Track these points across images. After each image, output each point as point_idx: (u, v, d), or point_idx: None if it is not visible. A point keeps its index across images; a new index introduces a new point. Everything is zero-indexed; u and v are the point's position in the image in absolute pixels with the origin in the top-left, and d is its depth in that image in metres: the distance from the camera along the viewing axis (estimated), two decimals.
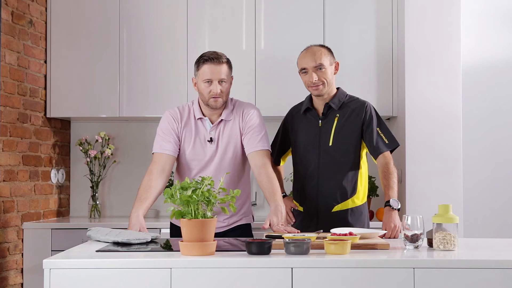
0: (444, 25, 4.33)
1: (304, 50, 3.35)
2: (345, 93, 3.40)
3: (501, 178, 4.87)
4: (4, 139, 3.99)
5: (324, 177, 3.30)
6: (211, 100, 3.22)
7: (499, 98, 4.88)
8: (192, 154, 3.29)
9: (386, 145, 3.29)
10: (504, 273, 2.38)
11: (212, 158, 3.28)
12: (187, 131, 3.30)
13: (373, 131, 3.29)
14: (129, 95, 4.51)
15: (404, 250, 2.67)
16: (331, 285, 2.38)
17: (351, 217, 3.29)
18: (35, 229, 4.20)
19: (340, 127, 3.31)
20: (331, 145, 3.30)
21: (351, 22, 4.52)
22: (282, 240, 2.74)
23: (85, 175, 4.77)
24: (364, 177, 3.37)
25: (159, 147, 3.29)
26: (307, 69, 3.27)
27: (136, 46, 4.53)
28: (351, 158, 3.31)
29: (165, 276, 2.38)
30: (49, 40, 4.52)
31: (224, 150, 3.28)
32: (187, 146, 3.30)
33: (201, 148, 3.28)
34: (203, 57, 3.24)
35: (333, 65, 3.31)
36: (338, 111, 3.33)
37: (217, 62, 3.21)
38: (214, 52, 3.28)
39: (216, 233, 3.13)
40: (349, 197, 3.30)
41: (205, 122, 3.30)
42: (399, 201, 3.18)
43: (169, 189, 2.51)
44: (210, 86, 3.21)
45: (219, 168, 3.27)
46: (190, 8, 4.53)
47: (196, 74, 3.27)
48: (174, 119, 3.31)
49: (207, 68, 3.21)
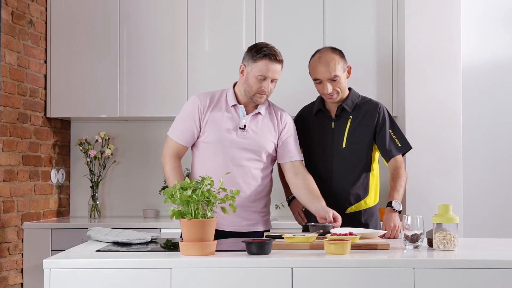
0: (444, 25, 4.33)
1: (317, 56, 3.26)
2: (358, 94, 3.36)
3: (501, 178, 4.87)
4: (4, 139, 3.99)
5: (337, 179, 3.27)
6: (257, 95, 3.13)
7: (499, 98, 4.88)
8: (216, 138, 3.16)
9: (398, 149, 3.27)
10: (504, 273, 2.38)
11: (240, 146, 3.16)
12: (215, 116, 3.17)
13: (386, 134, 3.27)
14: (129, 95, 4.51)
15: (404, 250, 2.67)
16: (331, 285, 2.38)
17: (364, 219, 3.28)
18: (35, 229, 4.20)
19: (353, 129, 3.28)
20: (344, 147, 3.27)
21: (351, 22, 4.52)
22: (283, 240, 2.74)
23: (85, 175, 4.77)
24: (376, 178, 3.34)
25: (176, 135, 3.20)
26: (321, 80, 3.21)
27: (136, 46, 4.53)
28: (363, 160, 3.28)
29: (165, 276, 2.38)
30: (49, 40, 4.52)
31: (255, 141, 3.17)
32: (213, 131, 3.16)
33: (230, 135, 3.15)
34: (262, 50, 3.11)
35: (346, 70, 3.26)
36: (351, 113, 3.29)
37: (275, 60, 3.11)
38: (272, 47, 3.15)
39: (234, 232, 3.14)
40: (361, 198, 3.28)
41: (240, 110, 3.19)
42: (401, 204, 3.17)
43: (169, 189, 2.51)
44: (262, 82, 3.11)
45: (245, 158, 3.16)
46: (190, 8, 4.53)
47: (249, 64, 3.14)
48: (200, 104, 3.17)
49: (265, 64, 3.09)
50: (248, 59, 3.14)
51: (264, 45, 3.15)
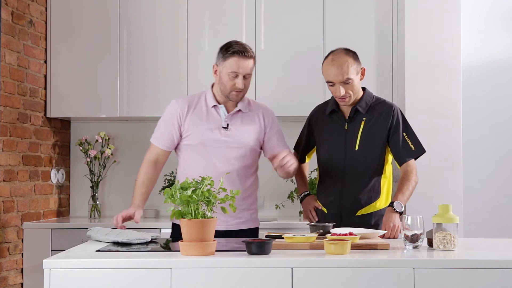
0: (444, 25, 4.33)
1: (330, 57, 3.22)
2: (372, 95, 3.33)
3: (501, 178, 4.86)
4: (4, 139, 3.99)
5: (349, 181, 3.25)
6: (233, 93, 3.16)
7: (499, 98, 4.88)
8: (200, 140, 3.19)
9: (411, 153, 3.24)
10: (504, 273, 2.38)
11: (225, 144, 3.19)
12: (196, 119, 3.21)
13: (399, 137, 3.24)
14: (129, 95, 4.51)
15: (404, 250, 2.67)
16: (331, 285, 2.38)
17: (374, 221, 3.25)
18: (35, 229, 4.20)
19: (367, 131, 3.25)
20: (357, 149, 3.24)
21: (351, 22, 4.52)
22: (283, 240, 2.74)
23: (85, 175, 4.77)
24: (389, 181, 3.31)
25: (156, 140, 3.28)
26: (334, 82, 3.18)
27: (136, 46, 4.53)
28: (376, 162, 3.26)
29: (165, 276, 2.38)
30: (49, 40, 4.52)
31: (239, 139, 3.21)
32: (195, 134, 3.20)
33: (213, 135, 3.19)
34: (231, 47, 3.14)
35: (359, 72, 3.23)
36: (364, 114, 3.26)
37: (245, 56, 3.13)
38: (241, 44, 3.18)
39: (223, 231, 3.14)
40: (373, 201, 3.25)
41: (220, 110, 3.22)
42: (403, 206, 3.15)
43: (169, 189, 2.51)
44: (234, 79, 3.13)
45: (232, 156, 3.19)
46: (190, 9, 4.53)
47: (220, 63, 3.17)
48: (179, 109, 3.22)
49: (235, 61, 3.12)
50: (219, 58, 3.19)
51: (235, 42, 3.19)
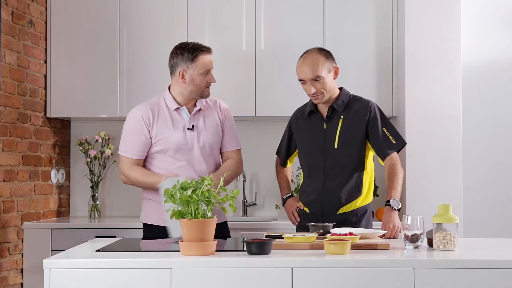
0: (444, 25, 4.33)
1: (302, 57, 3.28)
2: (348, 93, 3.36)
3: (501, 178, 4.87)
4: (4, 139, 3.99)
5: (329, 180, 3.28)
6: (206, 89, 3.24)
7: (499, 98, 4.88)
8: (171, 144, 3.21)
9: (392, 146, 3.26)
10: (504, 273, 2.38)
11: (194, 145, 3.24)
12: (162, 124, 3.23)
13: (379, 132, 3.26)
14: (129, 95, 4.51)
15: (404, 250, 2.67)
16: (331, 285, 2.38)
17: (356, 218, 3.28)
18: (35, 229, 4.20)
19: (345, 129, 3.28)
20: (336, 147, 3.27)
21: (351, 22, 4.52)
22: (283, 240, 2.74)
23: (85, 175, 4.77)
24: (370, 176, 3.34)
25: (129, 151, 3.24)
26: (305, 80, 3.23)
27: (136, 46, 4.53)
28: (356, 159, 3.29)
29: (165, 276, 2.38)
30: (49, 40, 4.52)
31: (206, 137, 3.26)
32: (165, 139, 3.21)
33: (182, 137, 3.22)
34: (194, 48, 3.20)
35: (332, 71, 3.26)
36: (342, 113, 3.29)
37: (208, 52, 3.23)
38: (196, 43, 3.27)
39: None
40: (354, 198, 3.28)
41: (183, 112, 3.26)
42: (399, 202, 3.18)
43: (169, 189, 2.51)
44: (207, 76, 3.21)
45: (201, 156, 3.25)
46: (190, 9, 4.53)
47: (188, 66, 3.20)
48: (144, 115, 3.22)
49: (203, 59, 3.20)
50: (185, 62, 3.20)
51: (191, 43, 3.26)
